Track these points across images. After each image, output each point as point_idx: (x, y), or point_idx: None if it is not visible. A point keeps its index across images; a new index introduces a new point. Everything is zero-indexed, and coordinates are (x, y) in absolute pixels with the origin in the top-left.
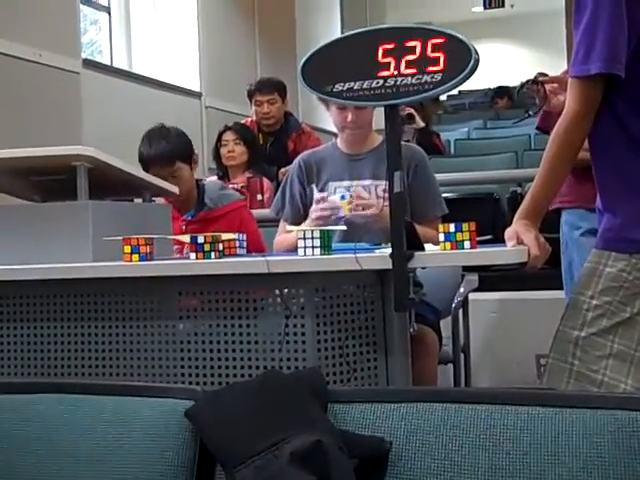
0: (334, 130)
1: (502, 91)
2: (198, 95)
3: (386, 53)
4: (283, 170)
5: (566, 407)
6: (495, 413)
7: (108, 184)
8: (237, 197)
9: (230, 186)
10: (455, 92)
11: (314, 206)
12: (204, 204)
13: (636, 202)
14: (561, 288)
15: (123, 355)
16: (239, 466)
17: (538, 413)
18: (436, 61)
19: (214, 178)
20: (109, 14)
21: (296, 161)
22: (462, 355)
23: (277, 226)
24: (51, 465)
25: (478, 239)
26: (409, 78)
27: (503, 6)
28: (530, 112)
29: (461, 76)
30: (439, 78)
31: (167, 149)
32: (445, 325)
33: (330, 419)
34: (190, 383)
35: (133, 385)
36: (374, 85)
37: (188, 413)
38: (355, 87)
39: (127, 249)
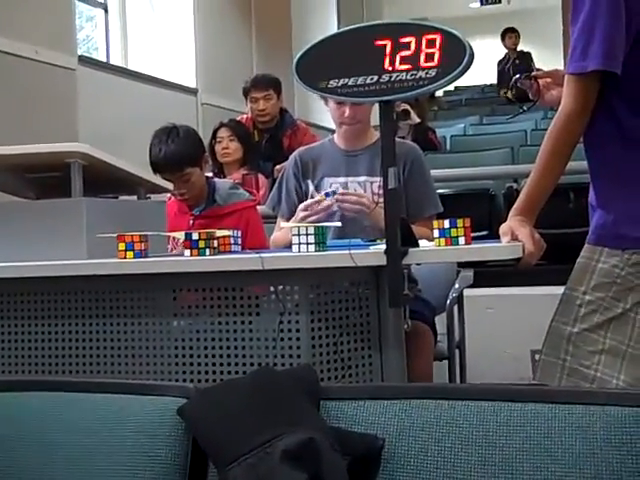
0: (330, 126)
1: (510, 29)
2: (194, 92)
3: (381, 49)
4: (279, 167)
5: (558, 403)
6: (488, 409)
7: (103, 181)
8: (247, 197)
9: None
10: (451, 88)
11: (303, 205)
12: (214, 201)
13: (629, 199)
14: (557, 284)
15: (117, 352)
16: (231, 464)
17: (531, 409)
18: (431, 57)
19: (209, 174)
20: (105, 11)
21: (292, 157)
22: (457, 351)
23: (273, 222)
24: (43, 462)
25: (474, 235)
26: (404, 74)
27: (500, 2)
28: (524, 108)
29: (456, 72)
30: (434, 74)
31: (175, 155)
32: (440, 321)
33: (322, 416)
34: (184, 380)
35: (126, 383)
36: (369, 81)
37: (180, 411)
38: (350, 83)
39: (121, 246)
